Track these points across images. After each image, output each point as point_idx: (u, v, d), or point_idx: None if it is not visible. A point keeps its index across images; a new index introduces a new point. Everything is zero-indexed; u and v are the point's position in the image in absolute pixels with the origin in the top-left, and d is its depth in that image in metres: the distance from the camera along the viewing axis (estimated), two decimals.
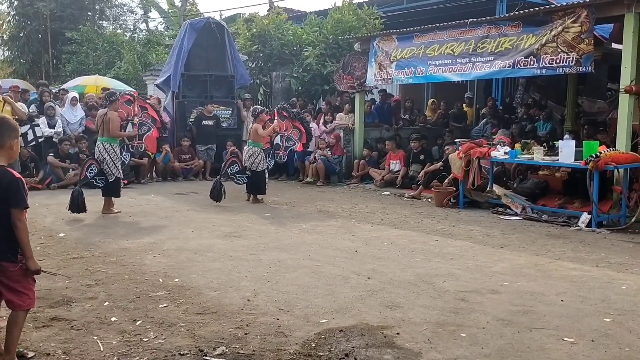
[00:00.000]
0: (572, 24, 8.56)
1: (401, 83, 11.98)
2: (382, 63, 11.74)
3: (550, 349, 3.69)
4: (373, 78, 12.06)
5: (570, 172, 8.93)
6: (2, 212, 3.28)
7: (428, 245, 6.69)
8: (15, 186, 3.29)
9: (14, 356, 3.39)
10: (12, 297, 3.36)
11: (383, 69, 11.75)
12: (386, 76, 11.76)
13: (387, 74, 11.68)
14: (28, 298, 3.41)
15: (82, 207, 8.17)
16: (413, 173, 11.37)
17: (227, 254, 6.18)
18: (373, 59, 11.98)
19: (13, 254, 3.33)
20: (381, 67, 11.78)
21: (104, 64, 22.50)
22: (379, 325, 4.08)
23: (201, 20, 14.74)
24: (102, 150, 8.53)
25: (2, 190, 3.27)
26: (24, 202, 3.31)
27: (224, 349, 3.66)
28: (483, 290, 4.94)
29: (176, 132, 13.82)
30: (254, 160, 9.77)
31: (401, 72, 11.39)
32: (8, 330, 3.38)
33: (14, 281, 3.35)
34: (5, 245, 3.31)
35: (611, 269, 5.72)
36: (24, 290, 3.39)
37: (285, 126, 10.49)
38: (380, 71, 11.83)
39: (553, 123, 12.61)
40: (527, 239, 7.12)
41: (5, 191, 3.27)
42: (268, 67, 15.65)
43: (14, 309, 3.39)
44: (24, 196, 3.32)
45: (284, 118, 10.50)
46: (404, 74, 11.35)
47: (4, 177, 3.29)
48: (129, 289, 4.92)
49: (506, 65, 9.44)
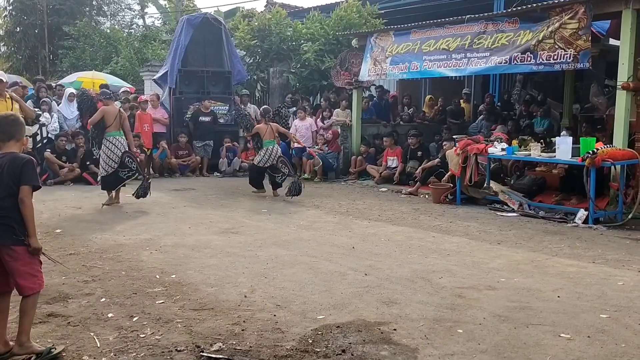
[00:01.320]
0: (569, 20, 8.55)
1: (395, 78, 11.97)
2: (377, 58, 11.72)
3: (546, 345, 3.70)
4: (367, 73, 12.02)
5: (567, 169, 8.95)
6: (13, 194, 3.45)
7: (425, 242, 6.70)
8: (29, 166, 3.53)
9: (30, 342, 3.52)
10: (24, 282, 3.49)
11: (378, 64, 11.72)
12: (380, 71, 11.72)
13: (382, 70, 11.65)
14: (38, 279, 3.55)
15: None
16: (410, 169, 11.37)
17: (224, 250, 6.18)
18: (369, 55, 11.95)
19: (22, 236, 3.47)
20: (376, 63, 11.76)
21: (100, 59, 22.41)
22: (375, 321, 4.08)
23: (198, 16, 14.69)
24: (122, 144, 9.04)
25: (16, 168, 3.48)
26: (35, 181, 3.54)
27: (220, 345, 3.66)
28: (480, 286, 4.95)
29: (173, 128, 13.79)
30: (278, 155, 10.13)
31: (395, 67, 11.35)
32: (22, 318, 3.51)
33: (24, 264, 3.48)
34: (17, 228, 3.46)
35: (608, 266, 5.73)
36: (33, 272, 3.52)
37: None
38: (374, 66, 11.80)
39: (550, 120, 12.63)
40: (524, 236, 7.13)
41: (19, 168, 3.48)
42: (265, 63, 15.62)
43: (26, 293, 3.50)
44: (36, 176, 3.58)
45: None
46: (399, 69, 11.32)
47: (18, 158, 3.55)
48: (126, 285, 4.91)
49: (502, 61, 9.42)
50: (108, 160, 8.87)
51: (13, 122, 3.72)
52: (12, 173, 3.47)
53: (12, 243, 3.45)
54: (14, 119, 3.76)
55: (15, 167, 3.49)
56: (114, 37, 23.44)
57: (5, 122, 3.70)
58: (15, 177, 3.47)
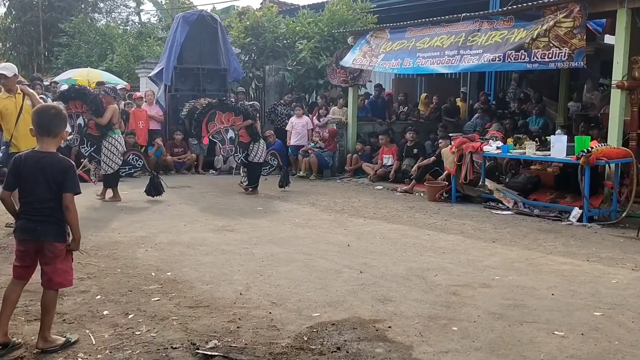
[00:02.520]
0: (564, 19, 8.57)
1: (384, 71, 11.91)
2: (368, 52, 11.64)
3: (540, 343, 3.72)
4: (351, 61, 11.90)
5: (562, 167, 8.97)
6: (56, 196, 3.50)
7: (420, 240, 6.72)
8: (72, 172, 3.55)
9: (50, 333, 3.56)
10: (57, 278, 3.57)
11: (367, 57, 11.61)
12: (367, 63, 11.58)
13: (370, 62, 11.51)
14: (69, 276, 3.66)
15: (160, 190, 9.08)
16: (406, 167, 11.39)
17: (219, 247, 6.18)
18: (358, 48, 11.88)
19: (63, 234, 3.58)
20: (365, 55, 11.65)
21: (96, 56, 22.35)
22: (370, 319, 4.09)
23: (194, 13, 14.66)
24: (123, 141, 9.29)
25: (59, 174, 3.50)
26: (78, 188, 3.58)
27: (216, 342, 3.66)
28: (474, 284, 4.97)
29: (168, 125, 13.77)
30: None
31: (387, 62, 11.25)
32: (45, 315, 3.56)
33: (61, 261, 3.58)
34: (59, 227, 3.55)
35: (602, 264, 5.76)
36: (68, 269, 3.64)
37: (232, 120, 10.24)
38: (362, 58, 11.67)
39: (545, 118, 12.67)
40: (519, 234, 7.15)
41: (62, 175, 3.50)
42: (261, 60, 15.60)
43: (55, 288, 3.59)
44: (78, 182, 3.60)
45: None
46: (390, 65, 11.22)
47: (62, 162, 3.55)
48: (121, 283, 4.91)
49: (496, 58, 9.38)
50: (114, 157, 9.05)
51: (54, 117, 3.57)
52: (54, 179, 3.48)
53: (55, 240, 3.53)
54: (56, 113, 3.59)
55: (58, 173, 3.49)
56: (109, 34, 23.37)
57: (44, 115, 3.57)
58: (57, 183, 3.49)
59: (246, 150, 10.08)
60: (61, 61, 23.08)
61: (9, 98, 6.82)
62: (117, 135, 9.12)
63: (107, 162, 9.05)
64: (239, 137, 10.06)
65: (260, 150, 10.11)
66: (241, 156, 10.13)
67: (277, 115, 14.15)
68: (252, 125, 10.07)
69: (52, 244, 3.53)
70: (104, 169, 9.20)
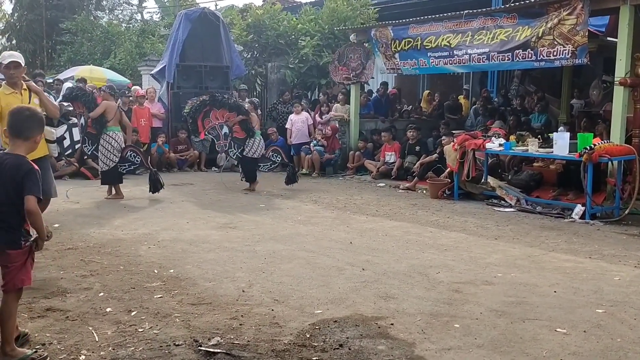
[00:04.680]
0: (567, 17, 8.55)
1: (409, 74, 11.98)
2: (386, 54, 11.70)
3: (542, 340, 3.72)
4: (384, 67, 11.96)
5: (565, 164, 8.96)
6: (13, 201, 3.31)
7: (422, 237, 6.72)
8: (33, 175, 3.34)
9: (13, 345, 3.37)
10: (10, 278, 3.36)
11: (389, 59, 11.69)
12: (394, 66, 11.70)
13: (395, 65, 11.63)
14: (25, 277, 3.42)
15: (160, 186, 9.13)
16: (408, 165, 11.38)
17: (222, 245, 6.19)
18: (377, 49, 11.90)
19: (17, 242, 3.37)
20: (387, 57, 11.73)
21: (99, 54, 22.35)
22: (373, 316, 4.10)
23: (196, 11, 14.64)
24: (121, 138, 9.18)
25: (19, 176, 3.31)
26: (38, 192, 3.36)
27: (218, 339, 3.67)
28: (477, 281, 4.97)
29: (171, 122, 13.78)
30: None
31: (406, 63, 11.36)
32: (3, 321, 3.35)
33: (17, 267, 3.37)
34: (13, 234, 3.35)
35: (604, 261, 5.75)
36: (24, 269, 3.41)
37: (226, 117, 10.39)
38: (388, 61, 11.75)
39: (548, 115, 12.64)
40: (521, 231, 7.15)
41: (22, 178, 3.31)
42: (263, 57, 15.59)
43: (8, 291, 3.36)
44: (39, 187, 3.37)
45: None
46: (409, 65, 11.33)
47: (23, 165, 3.35)
48: (124, 280, 4.92)
49: (505, 57, 9.44)
50: (109, 154, 9.04)
51: (27, 119, 3.43)
52: (13, 180, 3.30)
53: (8, 247, 3.34)
54: (30, 115, 3.46)
55: (17, 175, 3.30)
56: (112, 32, 23.37)
57: (18, 116, 3.43)
58: (17, 185, 3.30)
59: (242, 146, 10.17)
60: (64, 59, 23.09)
61: (13, 94, 5.67)
62: (112, 132, 9.06)
63: (102, 159, 9.09)
64: (234, 133, 10.15)
65: (255, 145, 10.17)
66: (237, 152, 10.25)
67: (278, 114, 14.17)
68: (245, 121, 10.13)
69: (4, 251, 3.34)
70: (100, 166, 9.30)
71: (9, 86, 5.70)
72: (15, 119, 3.44)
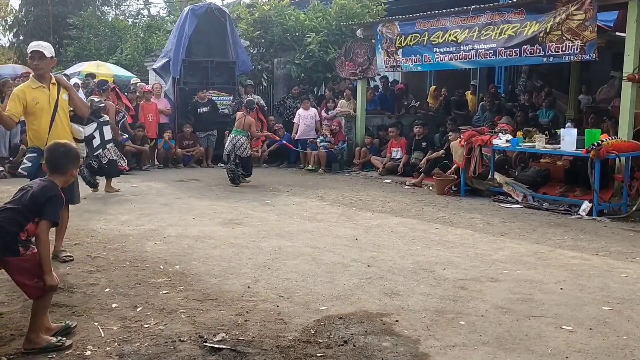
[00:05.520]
0: (576, 12, 8.49)
1: (410, 71, 11.92)
2: (389, 50, 11.66)
3: (548, 337, 3.71)
4: (383, 65, 11.92)
5: (572, 161, 8.92)
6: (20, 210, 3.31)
7: (428, 233, 6.71)
8: (56, 201, 3.40)
9: (39, 333, 3.43)
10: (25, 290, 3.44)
11: (390, 56, 11.65)
12: (395, 63, 11.65)
13: (396, 61, 11.59)
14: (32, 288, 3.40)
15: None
16: (415, 160, 11.36)
17: (227, 241, 6.20)
18: (380, 46, 11.86)
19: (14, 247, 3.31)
20: (388, 54, 11.69)
21: (105, 49, 22.42)
22: (378, 313, 4.10)
23: (202, 6, 14.64)
24: None
25: (42, 197, 3.35)
26: (56, 218, 3.42)
27: (223, 335, 3.68)
28: (482, 278, 4.96)
29: (177, 118, 13.80)
30: (240, 147, 10.30)
31: (408, 59, 11.31)
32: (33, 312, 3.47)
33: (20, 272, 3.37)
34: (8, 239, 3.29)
35: (611, 258, 5.73)
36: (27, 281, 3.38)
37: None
38: (388, 58, 11.72)
39: (555, 111, 12.58)
40: (528, 227, 7.12)
41: (45, 200, 3.35)
42: (270, 53, 15.58)
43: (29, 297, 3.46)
44: (58, 213, 3.44)
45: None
46: (412, 62, 11.27)
47: (52, 189, 3.42)
48: (130, 276, 4.94)
49: (513, 53, 9.40)
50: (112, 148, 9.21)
51: (62, 156, 3.49)
52: (35, 200, 3.33)
53: (3, 254, 3.31)
54: (65, 152, 3.50)
55: (42, 195, 3.34)
56: (118, 27, 23.43)
57: (54, 153, 3.49)
58: (35, 205, 3.32)
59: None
60: (71, 54, 23.18)
61: (40, 89, 5.17)
62: None
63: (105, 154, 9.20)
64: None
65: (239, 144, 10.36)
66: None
67: (285, 108, 14.17)
68: None
69: (2, 259, 3.33)
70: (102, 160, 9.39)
71: (36, 79, 5.19)
72: (51, 156, 3.52)
